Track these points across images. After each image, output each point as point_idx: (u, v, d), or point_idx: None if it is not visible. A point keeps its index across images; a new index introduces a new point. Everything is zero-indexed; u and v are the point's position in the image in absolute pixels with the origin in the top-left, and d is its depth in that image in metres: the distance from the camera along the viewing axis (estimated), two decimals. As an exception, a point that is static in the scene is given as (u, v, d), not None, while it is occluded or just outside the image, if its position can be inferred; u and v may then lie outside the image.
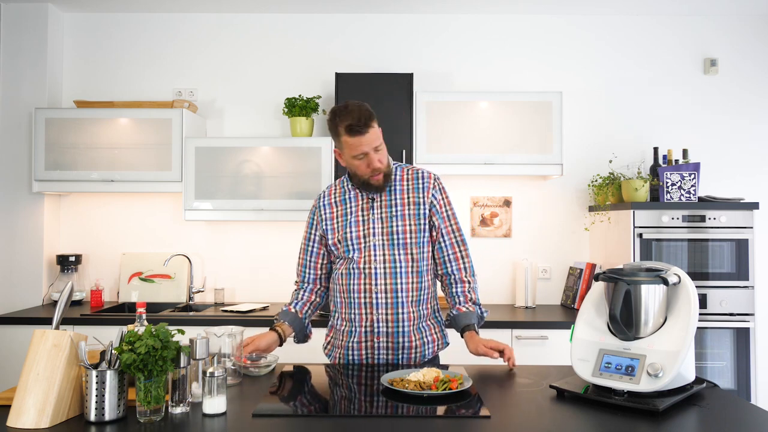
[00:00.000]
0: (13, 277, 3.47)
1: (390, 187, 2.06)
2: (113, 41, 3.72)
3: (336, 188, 2.13)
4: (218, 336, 1.81)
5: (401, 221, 2.01)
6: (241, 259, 3.65)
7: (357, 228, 2.02)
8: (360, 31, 3.70)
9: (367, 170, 1.98)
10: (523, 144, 3.31)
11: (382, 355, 2.01)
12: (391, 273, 1.99)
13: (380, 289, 1.99)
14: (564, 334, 2.92)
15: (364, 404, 1.65)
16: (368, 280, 1.99)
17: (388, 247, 2.00)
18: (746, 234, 3.07)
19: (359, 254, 2.01)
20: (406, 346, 2.01)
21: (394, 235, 2.00)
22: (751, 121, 3.65)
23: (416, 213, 2.03)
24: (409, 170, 2.10)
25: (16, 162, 3.49)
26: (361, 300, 2.00)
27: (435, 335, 2.08)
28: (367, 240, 2.01)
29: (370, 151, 1.96)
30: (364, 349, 2.02)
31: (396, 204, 2.03)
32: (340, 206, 2.08)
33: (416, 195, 2.05)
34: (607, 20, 3.69)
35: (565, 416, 1.53)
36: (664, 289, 1.66)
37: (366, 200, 2.05)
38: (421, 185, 2.06)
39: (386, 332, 2.00)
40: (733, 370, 3.07)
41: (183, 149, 3.33)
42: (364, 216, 2.03)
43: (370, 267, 1.99)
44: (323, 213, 2.10)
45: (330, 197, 2.12)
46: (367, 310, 2.00)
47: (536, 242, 3.64)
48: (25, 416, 1.39)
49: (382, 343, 2.00)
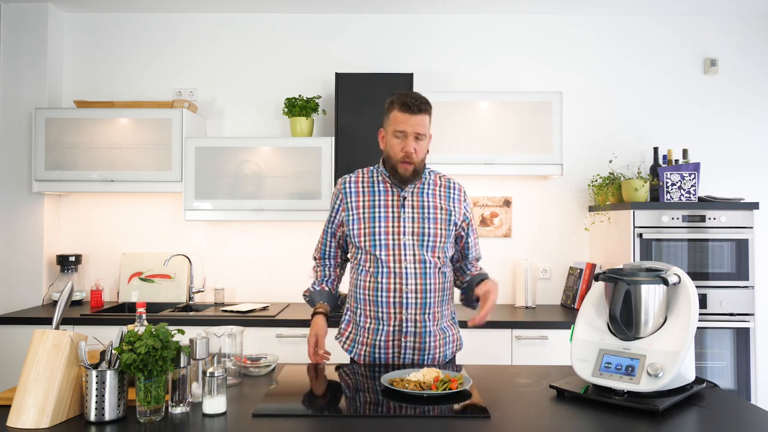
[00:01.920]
0: (13, 277, 3.47)
1: (423, 188, 2.06)
2: (113, 41, 3.72)
3: (363, 176, 2.10)
4: (218, 336, 1.81)
5: (433, 224, 2.01)
6: (241, 259, 3.65)
7: (386, 224, 2.00)
8: (360, 31, 3.70)
9: (400, 153, 1.97)
10: (523, 144, 3.31)
11: (408, 354, 2.01)
12: (421, 273, 1.99)
13: (410, 288, 1.98)
14: (564, 334, 2.92)
15: (364, 404, 1.65)
16: (399, 279, 1.98)
17: (418, 247, 1.99)
18: (746, 234, 3.07)
19: (387, 252, 1.99)
20: (431, 346, 2.02)
21: (425, 236, 2.00)
22: (751, 121, 3.65)
23: (447, 219, 2.04)
24: (441, 177, 2.13)
25: (16, 162, 3.49)
26: (390, 299, 1.98)
27: (455, 335, 2.12)
28: (396, 238, 1.99)
29: (411, 134, 1.96)
30: (392, 348, 2.00)
31: (428, 206, 2.03)
32: (368, 196, 2.05)
33: (448, 203, 2.07)
34: (607, 20, 3.69)
35: (565, 416, 1.53)
36: (664, 289, 1.66)
37: (397, 197, 2.03)
38: (452, 195, 2.09)
39: (414, 332, 1.99)
40: (733, 370, 3.07)
41: (183, 149, 3.33)
42: (394, 213, 2.01)
43: (401, 266, 1.98)
44: (349, 199, 2.07)
45: (357, 184, 2.08)
46: (396, 309, 1.98)
47: (536, 242, 3.64)
48: (25, 416, 1.39)
49: (409, 342, 2.00)
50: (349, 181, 2.11)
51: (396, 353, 2.01)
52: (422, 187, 2.06)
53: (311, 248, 3.63)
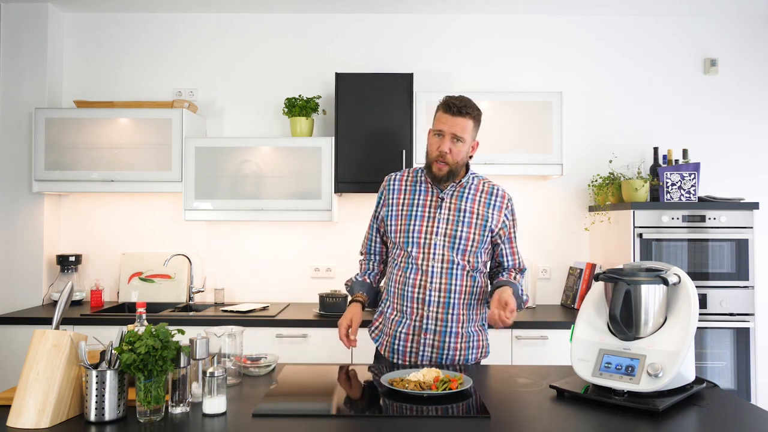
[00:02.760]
0: (13, 277, 3.47)
1: (463, 191, 2.09)
2: (113, 41, 3.72)
3: (408, 175, 2.17)
4: (218, 336, 1.81)
5: (466, 228, 2.04)
6: (241, 259, 3.65)
7: (421, 222, 2.06)
8: (360, 31, 3.70)
9: (435, 151, 2.02)
10: (523, 144, 3.31)
11: (426, 352, 2.04)
12: (447, 273, 2.02)
13: (435, 287, 2.02)
14: (564, 334, 2.92)
15: (364, 404, 1.65)
16: (424, 276, 2.03)
17: (448, 248, 2.03)
18: (746, 234, 3.07)
19: (418, 249, 2.04)
20: (452, 347, 2.04)
21: (456, 239, 2.03)
22: (751, 121, 3.65)
23: (482, 225, 2.07)
24: (485, 183, 2.15)
25: (16, 162, 3.49)
26: (415, 294, 2.03)
27: (481, 342, 2.13)
28: (428, 237, 2.04)
29: (448, 134, 2.00)
30: (411, 341, 2.05)
31: (465, 210, 2.07)
32: (409, 194, 2.11)
33: (486, 209, 2.09)
34: (607, 20, 3.69)
35: (565, 416, 1.53)
36: (664, 289, 1.66)
37: (436, 198, 2.08)
38: (494, 202, 2.11)
39: (434, 330, 2.03)
40: (733, 370, 3.07)
41: (183, 149, 3.33)
42: (430, 213, 2.06)
43: (428, 264, 2.02)
44: (391, 196, 2.14)
45: (401, 182, 2.15)
46: (419, 305, 2.03)
47: (536, 242, 3.64)
48: (25, 416, 1.39)
49: (429, 340, 2.03)
50: (394, 178, 2.18)
51: (414, 348, 2.04)
52: (462, 191, 2.10)
53: (312, 248, 3.67)
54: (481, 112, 2.06)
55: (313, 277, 3.62)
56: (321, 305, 3.14)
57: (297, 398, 1.71)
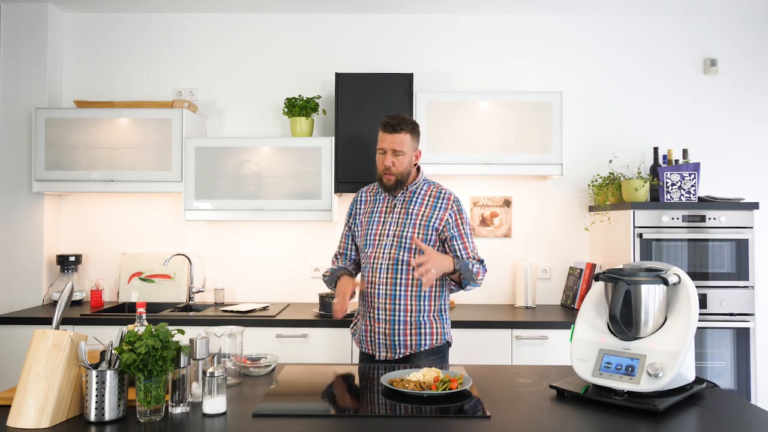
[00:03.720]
0: (13, 277, 3.47)
1: (413, 197, 2.32)
2: (113, 41, 3.72)
3: (374, 187, 2.45)
4: (218, 336, 1.81)
5: (411, 228, 2.27)
6: (241, 259, 3.65)
7: (377, 226, 2.32)
8: (360, 31, 3.70)
9: (381, 166, 2.30)
10: (523, 144, 3.31)
11: (380, 339, 2.26)
12: (393, 268, 2.25)
13: (381, 281, 2.26)
14: (564, 334, 2.92)
15: (364, 404, 1.65)
16: (374, 273, 2.27)
17: (395, 247, 2.26)
18: (746, 234, 3.07)
19: (372, 249, 2.30)
20: (401, 334, 2.24)
21: (403, 239, 2.26)
22: (751, 121, 3.65)
23: (426, 224, 2.28)
24: (435, 188, 2.37)
25: (16, 162, 3.49)
26: (368, 290, 2.29)
27: (435, 329, 2.28)
28: (381, 239, 2.29)
29: (389, 151, 2.26)
30: (369, 333, 2.29)
31: (412, 213, 2.30)
32: (371, 203, 2.39)
33: (432, 211, 2.30)
34: (607, 20, 3.69)
35: (565, 416, 1.53)
36: (664, 289, 1.66)
37: (390, 205, 2.34)
38: (440, 204, 2.32)
39: (384, 319, 2.25)
40: (733, 370, 3.07)
41: (183, 149, 3.33)
42: (384, 218, 2.32)
43: (378, 262, 2.27)
44: (358, 206, 2.43)
45: (367, 193, 2.45)
46: (371, 298, 2.28)
47: (536, 242, 3.64)
48: (25, 416, 1.39)
49: (381, 329, 2.25)
50: (362, 191, 2.47)
51: (372, 338, 2.27)
52: (413, 196, 2.33)
53: (311, 248, 3.67)
54: (417, 125, 2.32)
55: (313, 277, 3.62)
56: (321, 305, 3.14)
57: (297, 398, 1.71)
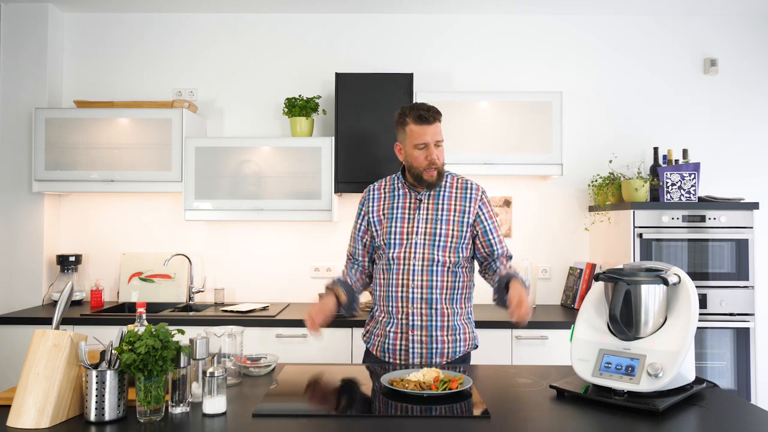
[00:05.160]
0: (13, 277, 3.47)
1: (439, 191, 2.17)
2: (113, 41, 3.72)
3: (386, 183, 2.26)
4: (218, 336, 1.81)
5: (445, 225, 2.12)
6: (241, 259, 3.65)
7: (402, 224, 2.14)
8: (360, 31, 3.70)
9: (424, 162, 2.09)
10: (523, 144, 3.31)
11: (416, 348, 2.09)
12: (428, 270, 2.09)
13: (416, 284, 2.09)
14: (564, 334, 2.92)
15: (364, 404, 1.65)
16: (406, 275, 2.10)
17: (429, 246, 2.10)
18: (746, 234, 3.07)
19: (400, 249, 2.12)
20: (439, 340, 2.09)
21: (436, 236, 2.11)
22: (751, 121, 3.65)
23: (460, 220, 2.14)
24: (459, 179, 2.22)
25: (16, 162, 3.49)
26: (399, 293, 2.11)
27: (467, 335, 2.17)
28: (409, 237, 2.12)
29: (431, 143, 2.08)
30: (399, 340, 2.11)
31: (442, 208, 2.14)
32: (388, 200, 2.20)
33: (462, 203, 2.16)
34: (607, 20, 3.69)
35: (565, 416, 1.53)
36: (664, 289, 1.66)
37: (414, 200, 2.16)
38: (469, 195, 2.18)
39: (420, 326, 2.09)
40: (733, 370, 3.07)
41: (183, 149, 3.32)
42: (410, 215, 2.15)
43: (409, 263, 2.10)
44: (372, 204, 2.22)
45: (380, 191, 2.25)
46: (404, 303, 2.10)
47: (536, 242, 3.64)
48: (25, 416, 1.39)
49: (416, 336, 2.09)
50: (372, 188, 2.27)
51: (404, 346, 2.10)
52: (439, 190, 2.17)
53: (311, 248, 3.67)
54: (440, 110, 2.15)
55: (313, 277, 3.62)
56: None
57: (297, 398, 1.71)
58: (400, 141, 2.16)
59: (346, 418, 1.51)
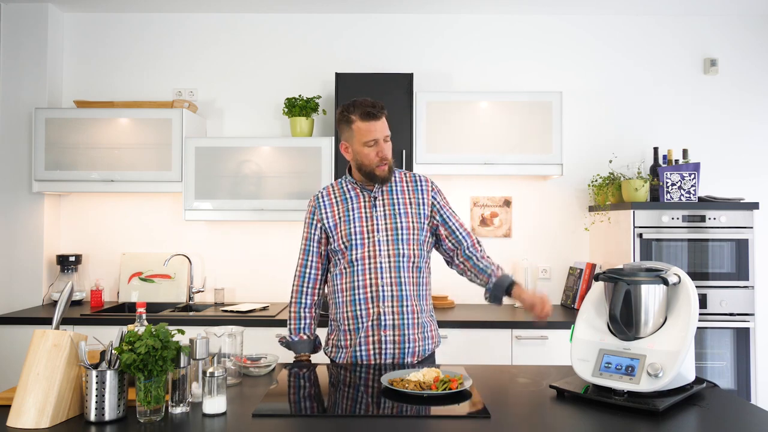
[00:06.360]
0: (13, 277, 3.47)
1: (391, 186, 2.14)
2: (113, 41, 3.72)
3: (334, 189, 2.20)
4: (218, 336, 1.81)
5: (405, 218, 2.09)
6: (241, 259, 3.65)
7: (361, 224, 2.08)
8: (360, 31, 3.70)
9: (375, 158, 2.06)
10: (522, 144, 3.31)
11: (388, 349, 2.03)
12: (395, 266, 2.05)
13: (386, 281, 2.04)
14: (564, 334, 2.92)
15: (364, 404, 1.65)
16: (374, 274, 2.04)
17: (392, 242, 2.06)
18: (746, 234, 3.07)
19: (362, 249, 2.06)
20: (411, 339, 2.05)
21: (398, 230, 2.07)
22: (751, 121, 3.65)
23: (417, 212, 2.12)
24: (406, 173, 2.20)
25: (16, 162, 3.49)
26: (367, 294, 2.04)
27: (433, 332, 2.15)
28: (371, 236, 2.07)
29: (381, 139, 2.05)
30: (372, 343, 2.04)
31: (398, 202, 2.12)
32: (341, 204, 2.14)
33: (416, 195, 2.14)
34: (607, 20, 3.69)
35: (565, 416, 1.53)
36: (664, 289, 1.66)
37: (368, 199, 2.12)
38: (420, 187, 2.16)
39: (392, 325, 2.03)
40: (733, 370, 3.07)
41: (183, 149, 3.33)
42: (367, 213, 2.10)
43: (376, 261, 2.05)
44: (324, 211, 2.15)
45: (329, 197, 2.18)
46: (374, 303, 2.04)
47: (536, 242, 3.64)
48: (25, 416, 1.39)
49: (389, 336, 2.03)
50: (321, 195, 2.20)
51: (377, 349, 2.04)
52: (391, 185, 2.14)
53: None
54: None
55: (313, 277, 3.62)
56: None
57: (297, 398, 1.71)
58: (346, 140, 2.11)
59: (346, 418, 1.51)
